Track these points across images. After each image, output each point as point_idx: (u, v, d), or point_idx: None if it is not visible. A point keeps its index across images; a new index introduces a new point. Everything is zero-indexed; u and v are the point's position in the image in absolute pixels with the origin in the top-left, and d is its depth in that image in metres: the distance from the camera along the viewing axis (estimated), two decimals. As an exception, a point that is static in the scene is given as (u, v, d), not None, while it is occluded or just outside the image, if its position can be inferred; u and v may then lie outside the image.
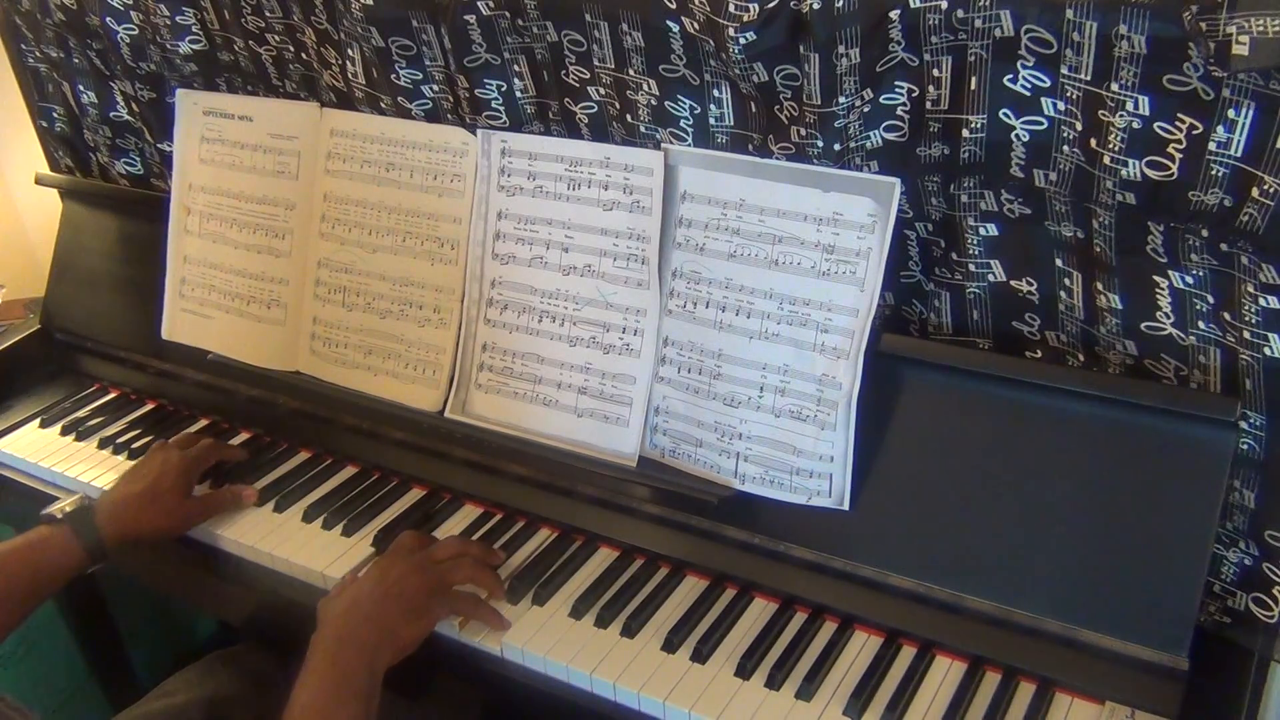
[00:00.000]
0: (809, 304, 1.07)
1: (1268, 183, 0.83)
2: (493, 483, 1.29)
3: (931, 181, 1.04)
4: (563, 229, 1.20)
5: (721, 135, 1.11)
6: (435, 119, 1.28)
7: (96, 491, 1.37)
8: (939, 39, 0.93)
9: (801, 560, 1.11)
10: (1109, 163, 0.90)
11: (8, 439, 1.50)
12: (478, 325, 1.26)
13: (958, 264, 1.07)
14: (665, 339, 1.16)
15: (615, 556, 1.19)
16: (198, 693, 1.26)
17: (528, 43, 1.16)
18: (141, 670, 1.77)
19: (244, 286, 1.44)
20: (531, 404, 1.23)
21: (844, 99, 0.99)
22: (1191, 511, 0.95)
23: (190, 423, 1.50)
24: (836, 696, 1.00)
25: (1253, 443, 0.97)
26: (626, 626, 1.09)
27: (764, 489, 1.11)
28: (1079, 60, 0.87)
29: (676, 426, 1.16)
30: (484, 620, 1.10)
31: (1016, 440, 1.02)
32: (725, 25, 0.97)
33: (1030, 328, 1.08)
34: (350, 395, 1.35)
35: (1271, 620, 1.01)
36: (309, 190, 1.38)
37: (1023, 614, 1.01)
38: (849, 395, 1.06)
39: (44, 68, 1.64)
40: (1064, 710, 0.97)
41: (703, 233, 1.12)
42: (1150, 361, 1.00)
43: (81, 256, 1.65)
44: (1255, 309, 0.90)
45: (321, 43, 1.31)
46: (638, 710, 1.02)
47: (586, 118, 1.19)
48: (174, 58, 1.44)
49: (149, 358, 1.56)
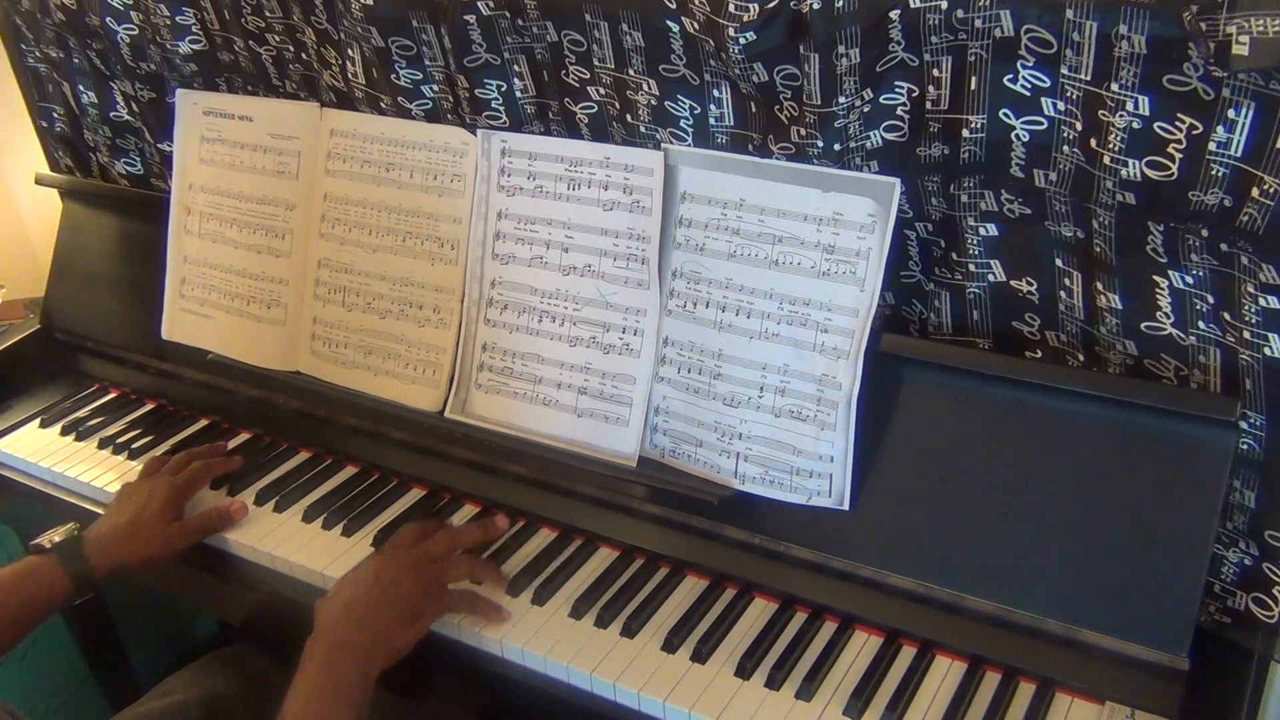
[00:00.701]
0: (809, 304, 1.07)
1: (1268, 183, 0.83)
2: (493, 483, 1.29)
3: (931, 181, 1.04)
4: (563, 229, 1.20)
5: (721, 135, 1.11)
6: (435, 119, 1.28)
7: (96, 492, 1.37)
8: (939, 39, 0.93)
9: (801, 560, 1.11)
10: (1109, 163, 0.90)
11: (8, 439, 1.50)
12: (478, 325, 1.26)
13: (958, 264, 1.07)
14: (665, 339, 1.16)
15: (615, 556, 1.19)
16: (197, 692, 1.26)
17: (528, 43, 1.16)
18: (141, 670, 1.77)
19: (244, 286, 1.44)
20: (531, 404, 1.23)
21: (844, 99, 0.99)
22: (1192, 511, 0.95)
23: (190, 423, 1.50)
24: (836, 696, 1.00)
25: (1253, 443, 0.96)
26: (626, 626, 1.09)
27: (764, 489, 1.11)
28: (1079, 60, 0.87)
29: (676, 426, 1.16)
30: (482, 615, 1.11)
31: (1016, 440, 1.02)
32: (725, 25, 0.97)
33: (1030, 328, 1.08)
34: (350, 395, 1.35)
35: (1271, 620, 1.01)
36: (309, 190, 1.38)
37: (1023, 614, 1.01)
38: (849, 395, 1.06)
39: (44, 68, 1.64)
40: (1064, 710, 0.97)
41: (703, 233, 1.12)
42: (1150, 361, 1.00)
43: (81, 256, 1.65)
44: (1255, 309, 0.90)
45: (321, 43, 1.31)
46: (638, 710, 1.02)
47: (586, 118, 1.19)
48: (174, 58, 1.44)
49: (149, 358, 1.56)
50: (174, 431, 1.48)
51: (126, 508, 1.26)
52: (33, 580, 1.17)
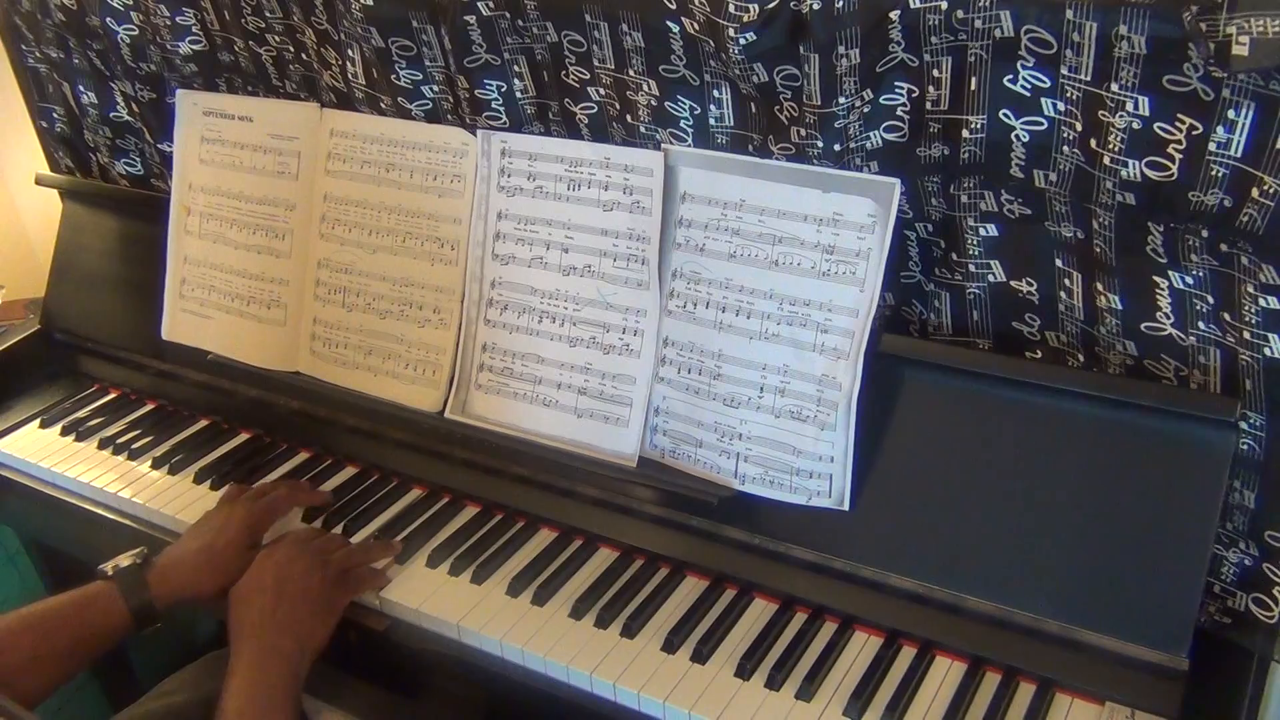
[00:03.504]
0: (809, 304, 1.07)
1: (1267, 183, 0.83)
2: (493, 483, 1.29)
3: (931, 182, 1.04)
4: (563, 229, 1.20)
5: (721, 136, 1.11)
6: (435, 119, 1.28)
7: (96, 492, 1.37)
8: (939, 39, 0.93)
9: (801, 561, 1.11)
10: (1109, 163, 0.90)
11: (8, 439, 1.50)
12: (478, 325, 1.26)
13: (958, 264, 1.07)
14: (665, 339, 1.16)
15: (615, 557, 1.19)
16: (197, 693, 1.26)
17: (528, 43, 1.16)
18: (141, 670, 1.77)
19: (244, 287, 1.44)
20: (531, 404, 1.23)
21: (844, 99, 0.99)
22: (1191, 511, 0.95)
23: (190, 423, 1.50)
24: (836, 697, 1.00)
25: (1253, 443, 0.96)
26: (626, 627, 1.09)
27: (764, 489, 1.11)
28: (1079, 61, 0.87)
29: (676, 427, 1.16)
30: (377, 585, 1.16)
31: (1016, 440, 1.02)
32: (725, 26, 0.97)
33: (1030, 328, 1.08)
34: (350, 395, 1.35)
35: (1271, 621, 1.01)
36: (309, 191, 1.38)
37: (1023, 614, 1.01)
38: (849, 395, 1.06)
39: (44, 68, 1.64)
40: (1064, 710, 0.97)
41: (703, 233, 1.12)
42: (1150, 362, 1.00)
43: (81, 257, 1.65)
44: (1255, 309, 0.90)
45: (321, 43, 1.31)
46: (638, 710, 1.02)
47: (586, 118, 1.19)
48: (174, 58, 1.44)
49: (149, 358, 1.56)
50: (174, 432, 1.48)
51: (201, 535, 1.20)
52: (90, 609, 1.10)
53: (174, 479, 1.38)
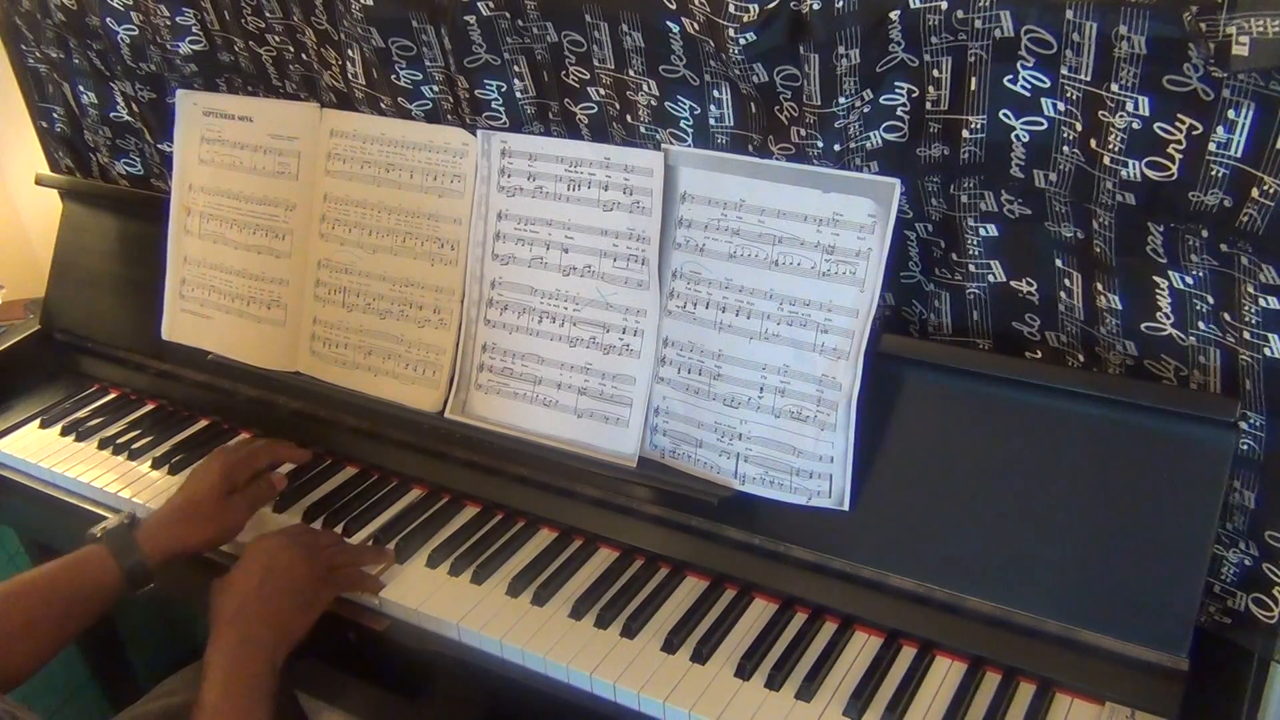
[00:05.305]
0: (809, 304, 1.07)
1: (1267, 183, 0.83)
2: (493, 483, 1.29)
3: (931, 182, 1.04)
4: (563, 229, 1.20)
5: (721, 136, 1.11)
6: (435, 119, 1.28)
7: (96, 492, 1.37)
8: (939, 39, 0.93)
9: (801, 561, 1.11)
10: (1109, 163, 0.90)
11: (8, 439, 1.50)
12: (478, 326, 1.26)
13: (958, 264, 1.07)
14: (665, 339, 1.16)
15: (615, 557, 1.19)
16: (197, 693, 1.26)
17: (528, 43, 1.16)
18: (141, 670, 1.77)
19: (244, 287, 1.44)
20: (531, 404, 1.23)
21: (844, 99, 0.99)
22: (1191, 512, 0.95)
23: (190, 423, 1.50)
24: (836, 697, 1.00)
25: (1253, 443, 0.97)
26: (626, 627, 1.09)
27: (764, 489, 1.11)
28: (1079, 61, 0.87)
29: (676, 427, 1.16)
30: (366, 589, 1.15)
31: (1016, 440, 1.02)
32: (725, 26, 0.97)
33: (1030, 328, 1.08)
34: (350, 396, 1.35)
35: (1271, 621, 1.01)
36: (309, 191, 1.38)
37: (1023, 614, 1.01)
38: (849, 396, 1.06)
39: (44, 68, 1.64)
40: (1064, 711, 0.97)
41: (703, 233, 1.12)
42: (1150, 362, 1.00)
43: (81, 257, 1.65)
44: (1255, 309, 0.90)
45: (321, 43, 1.31)
46: (638, 711, 1.02)
47: (586, 118, 1.19)
48: (174, 58, 1.44)
49: (149, 358, 1.56)
50: (174, 432, 1.48)
51: (182, 490, 1.23)
52: (81, 571, 1.11)
53: (174, 479, 1.37)
